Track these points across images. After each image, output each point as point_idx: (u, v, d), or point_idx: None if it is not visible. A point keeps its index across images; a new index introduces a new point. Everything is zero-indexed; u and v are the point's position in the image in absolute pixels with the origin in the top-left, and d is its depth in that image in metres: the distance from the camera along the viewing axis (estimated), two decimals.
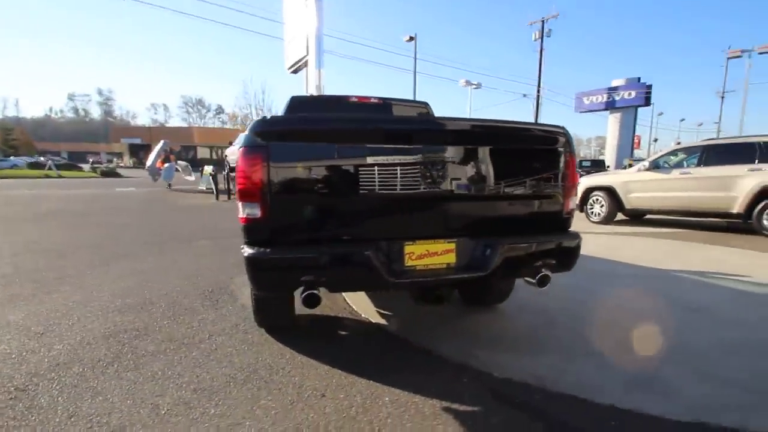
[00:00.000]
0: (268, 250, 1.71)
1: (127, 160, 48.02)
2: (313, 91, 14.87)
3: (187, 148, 41.80)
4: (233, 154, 15.53)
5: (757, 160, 5.85)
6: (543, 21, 29.64)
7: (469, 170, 1.90)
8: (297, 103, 3.47)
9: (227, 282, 3.69)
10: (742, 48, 23.36)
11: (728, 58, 24.35)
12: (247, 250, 1.74)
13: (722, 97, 39.44)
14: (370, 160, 1.76)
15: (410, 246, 1.86)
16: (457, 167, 1.87)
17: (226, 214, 8.87)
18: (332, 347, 2.40)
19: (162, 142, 17.60)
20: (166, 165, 16.16)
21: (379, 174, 1.78)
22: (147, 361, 2.20)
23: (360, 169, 1.76)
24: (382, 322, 2.79)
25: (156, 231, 6.48)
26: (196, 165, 26.28)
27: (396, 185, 1.80)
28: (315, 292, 1.68)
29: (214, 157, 45.50)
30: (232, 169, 15.31)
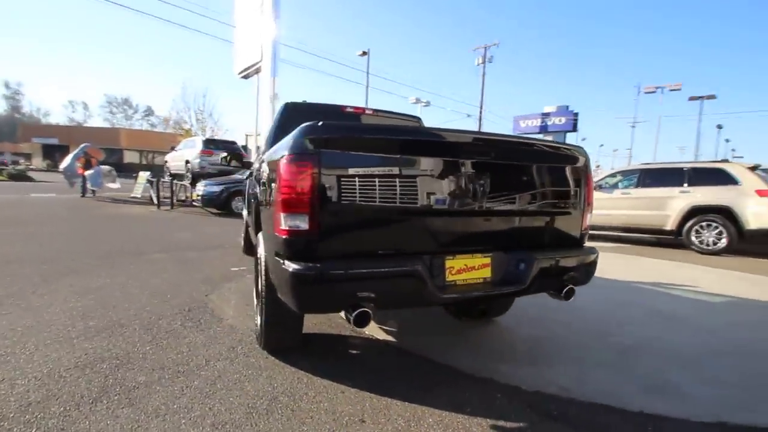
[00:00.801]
0: (318, 265, 1.57)
1: (40, 163, 42.57)
2: (267, 99, 14.41)
3: (111, 152, 38.09)
4: (176, 160, 14.48)
5: (686, 183, 6.69)
6: (485, 48, 31.81)
7: (505, 185, 1.93)
8: (291, 110, 3.32)
9: (203, 299, 3.37)
10: (656, 84, 26.98)
11: (645, 93, 27.89)
12: (292, 266, 1.57)
13: (633, 126, 45.01)
14: (419, 172, 1.72)
15: (450, 260, 1.83)
16: (494, 181, 1.89)
17: (172, 225, 8.19)
18: (348, 367, 2.26)
19: (83, 144, 15.83)
20: (92, 170, 14.52)
21: (426, 187, 1.74)
22: (142, 394, 1.91)
23: (409, 181, 1.70)
24: (390, 338, 2.70)
25: (98, 243, 5.77)
26: (124, 170, 24.00)
27: (442, 198, 1.77)
28: (367, 309, 1.57)
29: (144, 162, 42.00)
30: (173, 176, 14.24)
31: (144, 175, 14.24)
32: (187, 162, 12.74)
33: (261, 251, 2.26)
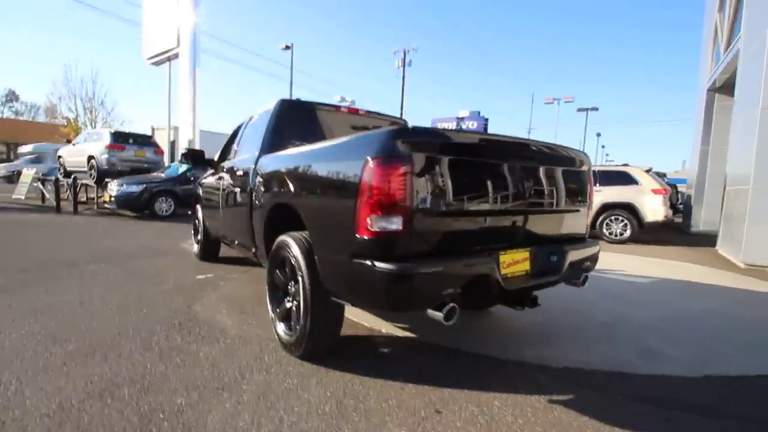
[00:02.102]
0: (414, 264, 1.60)
1: None
2: (187, 91, 13.19)
3: None
4: (74, 155, 12.41)
5: (597, 184, 7.86)
6: (405, 51, 32.98)
7: (541, 186, 2.16)
8: (288, 109, 3.17)
9: (187, 311, 3.08)
10: (554, 96, 30.94)
11: (545, 103, 31.69)
12: (385, 266, 1.58)
13: (528, 132, 50.75)
14: (489, 174, 1.85)
15: (503, 255, 2.00)
16: (535, 183, 2.10)
17: (89, 232, 7.14)
18: (390, 365, 2.30)
19: None
20: None
21: (493, 187, 1.88)
22: (194, 416, 1.73)
23: (482, 182, 1.82)
24: (410, 334, 2.79)
25: (10, 256, 4.82)
26: None
27: (503, 198, 1.93)
28: (455, 305, 1.65)
29: (12, 157, 35.03)
30: (68, 174, 12.18)
31: (30, 174, 12.00)
32: (91, 158, 11.07)
33: (297, 254, 2.17)
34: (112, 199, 9.36)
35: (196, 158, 4.39)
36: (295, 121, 3.20)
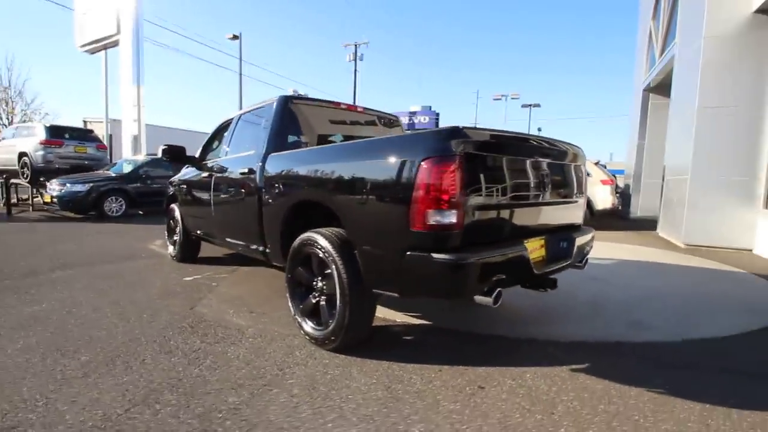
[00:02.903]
0: (468, 254, 1.72)
1: None
2: (129, 82, 12.22)
3: None
4: (1, 152, 10.97)
5: None
6: (356, 45, 32.80)
7: (555, 179, 2.38)
8: (290, 105, 3.13)
9: (190, 314, 2.99)
10: (502, 93, 32.58)
11: (494, 99, 33.31)
12: (444, 257, 1.70)
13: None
14: (523, 169, 2.02)
15: (527, 243, 2.19)
16: (554, 177, 2.33)
17: (35, 236, 6.55)
18: (420, 350, 2.41)
19: None
20: None
21: (526, 182, 2.06)
22: (254, 413, 1.74)
23: (519, 177, 1.99)
24: (425, 321, 2.92)
25: None
26: None
27: (532, 191, 2.12)
28: (501, 289, 1.81)
29: None
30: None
31: None
32: (23, 155, 9.95)
33: (330, 250, 2.21)
34: (54, 199, 8.53)
35: (176, 155, 4.17)
36: (297, 117, 3.19)
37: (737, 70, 5.50)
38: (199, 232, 4.24)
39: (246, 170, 3.07)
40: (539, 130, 42.74)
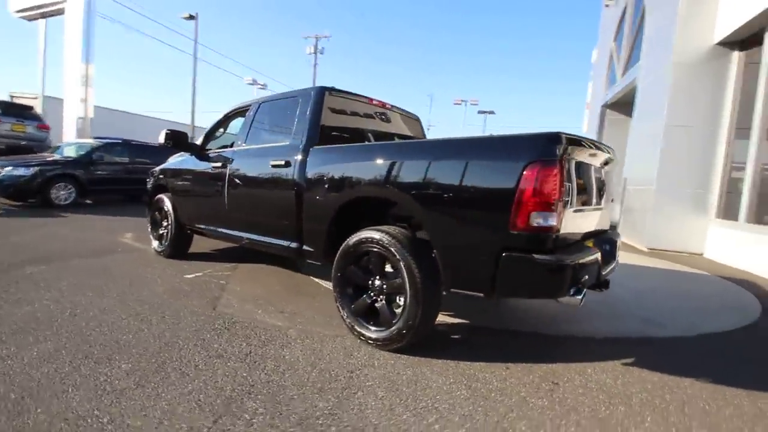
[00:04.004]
0: (566, 256, 1.77)
1: None
2: (76, 57, 11.00)
3: None
4: None
5: None
6: (316, 38, 32.14)
7: (604, 184, 2.53)
8: (327, 97, 2.99)
9: (215, 314, 2.78)
10: (462, 98, 33.77)
11: (454, 104, 34.30)
12: (547, 258, 1.74)
13: (428, 129, 54.27)
14: (592, 176, 2.12)
15: (587, 243, 2.31)
16: (606, 182, 2.47)
17: None
18: (474, 349, 2.44)
19: None
20: None
21: (592, 187, 2.16)
22: (352, 416, 1.67)
23: (588, 183, 2.09)
24: (462, 320, 2.95)
25: None
26: None
27: (593, 197, 2.24)
28: (585, 289, 1.89)
29: None
30: None
31: None
32: None
33: (397, 249, 2.17)
34: None
35: (178, 141, 3.84)
36: (333, 109, 3.07)
37: (697, 93, 6.18)
38: (201, 226, 3.93)
39: (281, 162, 2.91)
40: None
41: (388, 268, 2.33)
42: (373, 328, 2.33)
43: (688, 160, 6.27)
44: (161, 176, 4.54)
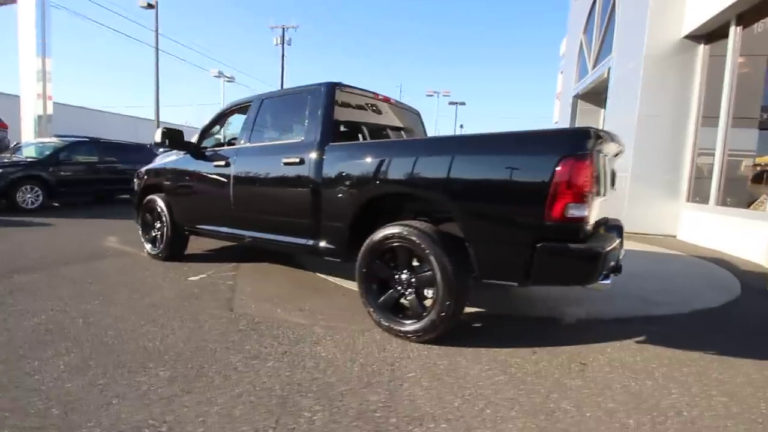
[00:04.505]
0: (597, 244, 1.88)
1: None
2: (31, 50, 10.24)
3: None
4: None
5: None
6: (284, 28, 31.34)
7: (611, 173, 2.67)
8: (337, 94, 2.96)
9: (234, 315, 2.75)
10: (434, 89, 34.07)
11: (426, 95, 34.60)
12: (582, 246, 1.85)
13: None
14: (606, 166, 2.26)
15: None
16: (610, 171, 2.61)
17: None
18: (497, 336, 2.53)
19: None
20: None
21: (606, 177, 2.30)
22: (410, 408, 1.72)
23: (603, 173, 2.21)
24: (477, 309, 3.04)
25: None
26: None
27: (604, 187, 2.37)
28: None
29: None
30: None
31: None
32: None
33: (426, 244, 2.23)
34: None
35: (174, 139, 3.71)
36: (343, 105, 3.06)
37: (667, 84, 6.55)
38: (201, 226, 3.82)
39: (295, 160, 2.87)
40: (461, 127, 45.46)
41: (415, 262, 2.38)
42: (406, 322, 2.37)
43: (660, 148, 6.66)
44: (151, 176, 4.37)
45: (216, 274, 3.74)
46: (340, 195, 2.66)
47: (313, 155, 2.80)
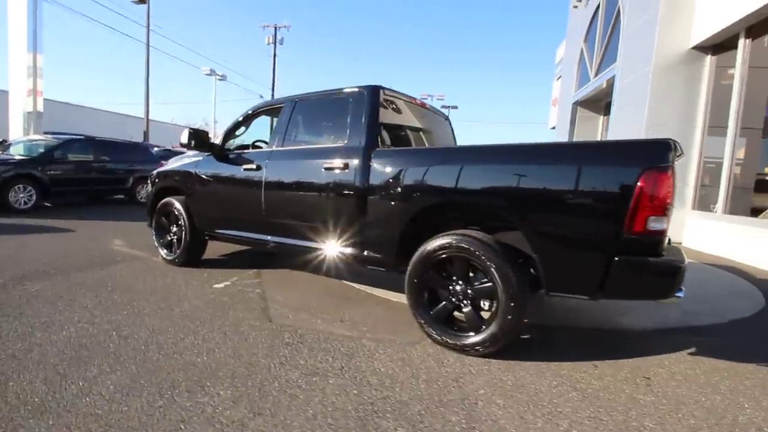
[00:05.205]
0: (675, 258, 1.86)
1: None
2: (21, 45, 9.84)
3: None
4: None
5: None
6: (275, 27, 31.01)
7: None
8: (381, 96, 2.88)
9: (274, 327, 2.64)
10: (428, 93, 33.98)
11: (422, 98, 34.52)
12: (663, 260, 1.83)
13: None
14: None
15: None
16: None
17: None
18: (547, 348, 2.48)
19: None
20: None
21: None
22: (494, 429, 1.65)
23: None
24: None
25: None
26: None
27: None
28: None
29: None
30: None
31: None
32: None
33: (488, 255, 2.16)
34: None
35: (199, 141, 3.57)
36: (385, 109, 2.98)
37: (674, 94, 6.67)
38: (226, 231, 3.68)
39: (339, 165, 2.78)
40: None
41: (473, 273, 2.32)
42: (466, 335, 2.30)
43: None
44: (168, 178, 4.20)
45: (240, 282, 3.61)
46: (391, 202, 2.57)
47: (358, 160, 2.72)
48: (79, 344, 2.24)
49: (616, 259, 1.88)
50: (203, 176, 3.80)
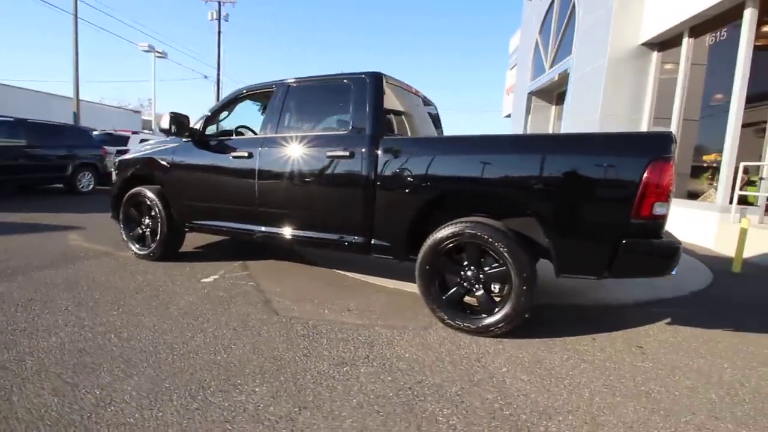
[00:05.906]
0: (672, 239, 2.06)
1: None
2: None
3: None
4: None
5: None
6: (220, 3, 29.06)
7: None
8: (383, 84, 2.83)
9: (283, 320, 2.60)
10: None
11: None
12: (664, 241, 2.02)
13: None
14: None
15: None
16: None
17: None
18: (542, 326, 2.66)
19: None
20: None
21: None
22: (529, 405, 1.76)
23: None
24: None
25: None
26: None
27: None
28: None
29: None
30: None
31: None
32: None
33: (500, 241, 2.27)
34: None
35: (180, 125, 3.32)
36: (386, 96, 2.95)
37: (624, 86, 7.23)
38: (209, 222, 3.49)
39: (344, 153, 2.73)
40: None
41: (485, 257, 2.42)
42: (480, 317, 2.40)
43: None
44: (138, 166, 3.88)
45: (229, 275, 3.46)
46: (402, 190, 2.58)
47: (365, 148, 2.68)
48: (77, 350, 2.05)
49: (624, 241, 2.06)
50: (182, 164, 3.55)
